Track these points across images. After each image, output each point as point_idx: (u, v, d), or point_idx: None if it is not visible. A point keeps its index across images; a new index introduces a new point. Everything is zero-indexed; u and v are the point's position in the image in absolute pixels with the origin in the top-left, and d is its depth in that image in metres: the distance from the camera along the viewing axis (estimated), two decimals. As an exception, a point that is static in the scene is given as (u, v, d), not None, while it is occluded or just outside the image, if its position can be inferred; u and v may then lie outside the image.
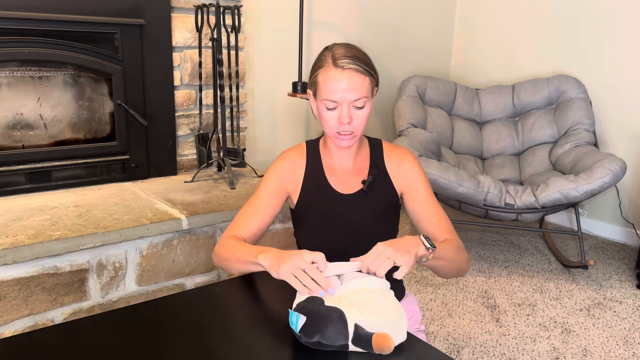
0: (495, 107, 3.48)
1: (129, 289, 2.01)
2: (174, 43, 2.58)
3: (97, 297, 1.93)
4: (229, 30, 2.61)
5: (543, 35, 3.56)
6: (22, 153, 2.29)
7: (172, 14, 2.55)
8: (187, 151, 2.74)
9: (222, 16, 2.54)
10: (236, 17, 2.57)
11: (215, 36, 2.52)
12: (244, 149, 2.75)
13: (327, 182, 1.40)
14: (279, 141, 3.21)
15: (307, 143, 1.45)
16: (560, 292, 2.62)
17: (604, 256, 3.08)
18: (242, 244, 1.31)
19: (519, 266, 2.89)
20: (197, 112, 2.72)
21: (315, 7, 3.22)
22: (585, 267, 2.83)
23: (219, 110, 2.59)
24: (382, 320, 1.01)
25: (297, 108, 3.26)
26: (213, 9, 2.54)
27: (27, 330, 1.73)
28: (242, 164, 2.68)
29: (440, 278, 2.69)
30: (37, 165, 2.31)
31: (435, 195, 1.72)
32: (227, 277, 2.16)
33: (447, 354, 2.05)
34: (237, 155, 2.66)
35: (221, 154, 2.62)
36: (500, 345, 2.16)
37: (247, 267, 1.25)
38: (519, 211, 2.69)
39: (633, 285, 2.71)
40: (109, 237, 1.89)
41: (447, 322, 2.32)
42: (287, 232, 2.37)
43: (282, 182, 1.40)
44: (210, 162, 2.63)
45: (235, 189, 2.46)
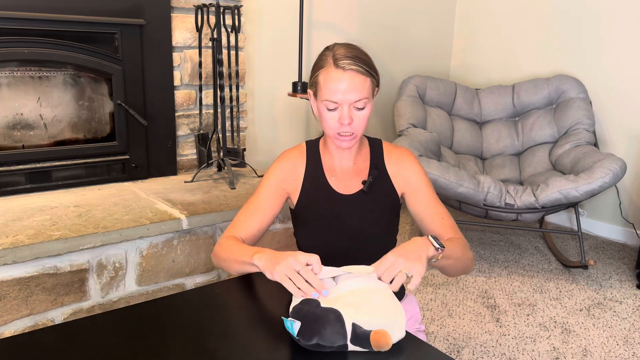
0: (495, 107, 3.48)
1: (129, 289, 2.01)
2: (174, 43, 2.58)
3: (97, 297, 1.94)
4: (229, 30, 2.61)
5: (543, 35, 3.56)
6: (22, 153, 2.29)
7: (172, 14, 2.55)
8: (187, 151, 2.74)
9: (222, 16, 2.54)
10: (236, 17, 2.57)
11: (215, 36, 2.52)
12: (244, 149, 2.75)
13: (327, 182, 1.39)
14: (279, 141, 3.21)
15: (307, 143, 1.45)
16: (560, 292, 2.62)
17: (604, 256, 3.08)
18: (240, 244, 1.31)
19: (519, 266, 2.89)
20: (197, 112, 2.72)
21: (315, 7, 3.22)
22: (585, 267, 2.83)
23: (219, 110, 2.59)
24: (379, 317, 1.01)
25: (297, 108, 3.27)
26: (213, 9, 2.54)
27: (27, 330, 1.73)
28: (242, 164, 2.68)
29: (440, 278, 2.70)
30: (37, 165, 2.31)
31: (435, 195, 1.72)
32: (227, 277, 2.16)
33: (447, 354, 2.05)
34: (237, 155, 2.66)
35: (221, 154, 2.62)
36: (500, 345, 2.16)
37: (243, 267, 1.25)
38: (519, 211, 2.69)
39: (633, 285, 2.71)
40: (109, 237, 1.89)
41: (447, 322, 2.32)
42: (287, 232, 2.37)
43: (281, 183, 1.40)
44: (210, 162, 2.63)
45: (235, 189, 2.46)
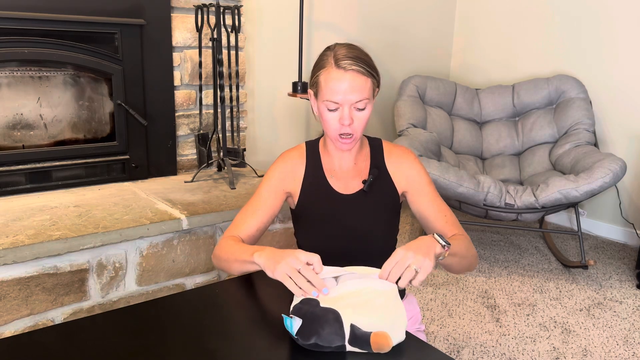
0: (495, 107, 3.48)
1: (129, 289, 2.01)
2: (174, 43, 2.58)
3: (97, 297, 1.93)
4: (229, 30, 2.61)
5: (543, 35, 3.56)
6: (22, 153, 2.29)
7: (172, 14, 2.55)
8: (187, 151, 2.74)
9: (222, 16, 2.54)
10: (236, 17, 2.57)
11: (215, 36, 2.52)
12: (244, 149, 2.75)
13: (327, 182, 1.39)
14: (279, 141, 3.21)
15: (306, 144, 1.45)
16: (560, 292, 2.62)
17: (604, 256, 3.08)
18: (239, 244, 1.32)
19: (519, 266, 2.89)
20: (197, 112, 2.72)
21: (315, 7, 3.22)
22: (585, 267, 2.83)
23: (219, 110, 2.59)
24: (378, 319, 1.00)
25: (297, 108, 3.26)
26: (213, 9, 2.54)
27: (27, 330, 1.73)
28: (242, 164, 2.68)
29: (440, 278, 2.70)
30: (37, 165, 2.31)
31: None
32: (227, 277, 2.16)
33: (447, 354, 2.04)
34: (237, 155, 2.66)
35: (221, 154, 2.62)
36: (500, 345, 2.16)
37: (244, 266, 1.25)
38: (519, 211, 2.69)
39: (633, 285, 2.71)
40: (109, 237, 1.89)
41: (447, 322, 2.32)
42: (287, 232, 2.37)
43: (281, 183, 1.40)
44: (210, 162, 2.63)
45: (235, 189, 2.46)
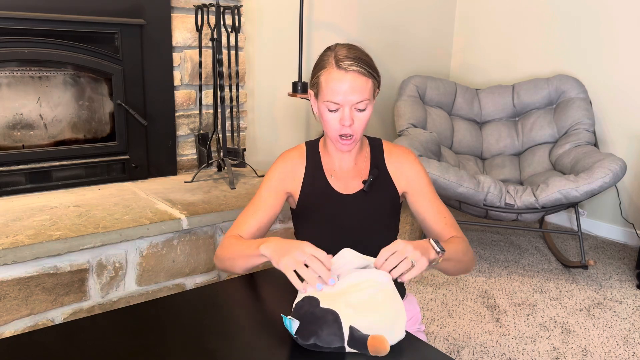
0: (495, 107, 3.48)
1: (129, 289, 2.01)
2: (174, 43, 2.58)
3: (97, 297, 1.93)
4: (229, 30, 2.61)
5: (543, 35, 3.56)
6: (22, 153, 2.29)
7: (172, 14, 2.55)
8: (187, 151, 2.74)
9: (222, 16, 2.54)
10: (236, 17, 2.57)
11: (215, 36, 2.52)
12: (244, 149, 2.75)
13: (327, 182, 1.39)
14: (279, 141, 3.21)
15: (306, 144, 1.45)
16: (560, 292, 2.62)
17: (604, 256, 3.08)
18: (242, 240, 1.32)
19: (519, 266, 2.89)
20: (197, 112, 2.72)
21: (315, 7, 3.22)
22: (585, 267, 2.83)
23: (219, 110, 2.59)
24: (378, 319, 1.00)
25: (297, 108, 3.26)
26: (213, 9, 2.54)
27: (27, 330, 1.73)
28: (242, 164, 2.68)
29: (440, 278, 2.70)
30: (37, 165, 2.31)
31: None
32: (227, 277, 2.16)
33: (447, 354, 2.05)
34: (237, 155, 2.66)
35: (221, 154, 2.62)
36: (500, 345, 2.16)
37: (250, 261, 1.24)
38: (519, 211, 2.69)
39: (633, 285, 2.71)
40: (109, 237, 1.89)
41: (447, 322, 2.32)
42: (287, 232, 2.37)
43: (281, 183, 1.40)
44: (210, 162, 2.63)
45: (235, 189, 2.46)
